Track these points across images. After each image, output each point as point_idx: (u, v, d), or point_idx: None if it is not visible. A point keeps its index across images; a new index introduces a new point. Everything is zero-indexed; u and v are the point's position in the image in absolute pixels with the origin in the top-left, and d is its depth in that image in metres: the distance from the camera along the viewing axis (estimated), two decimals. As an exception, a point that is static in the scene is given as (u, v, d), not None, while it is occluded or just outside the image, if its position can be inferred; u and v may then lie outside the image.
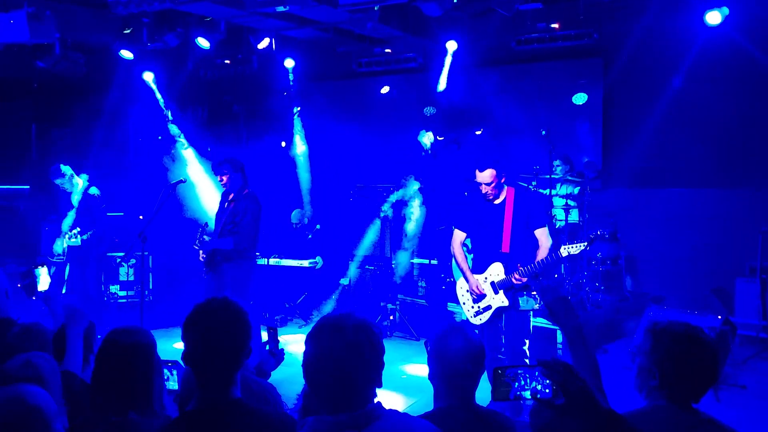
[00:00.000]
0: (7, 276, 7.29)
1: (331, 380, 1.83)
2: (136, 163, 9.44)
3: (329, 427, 1.81)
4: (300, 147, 9.76)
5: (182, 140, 9.06)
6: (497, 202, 4.87)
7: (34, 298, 3.86)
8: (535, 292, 4.75)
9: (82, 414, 2.39)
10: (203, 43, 7.68)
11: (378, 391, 1.90)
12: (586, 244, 4.64)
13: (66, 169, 7.00)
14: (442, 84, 8.68)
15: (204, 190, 8.79)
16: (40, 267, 3.74)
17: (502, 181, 4.82)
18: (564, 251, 4.65)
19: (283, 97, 9.79)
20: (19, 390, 1.96)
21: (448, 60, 8.42)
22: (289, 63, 8.97)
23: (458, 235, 5.11)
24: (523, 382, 1.65)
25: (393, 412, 1.92)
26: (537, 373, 1.64)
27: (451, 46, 8.03)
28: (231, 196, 6.05)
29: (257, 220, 5.98)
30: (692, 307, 6.86)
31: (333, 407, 1.83)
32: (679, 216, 8.12)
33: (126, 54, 7.87)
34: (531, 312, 4.95)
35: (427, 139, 8.51)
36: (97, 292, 7.33)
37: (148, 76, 8.80)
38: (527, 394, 1.65)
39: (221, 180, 5.98)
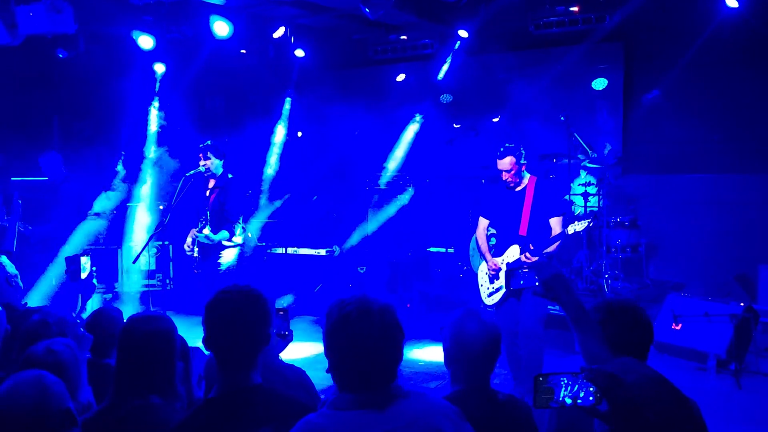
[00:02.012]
0: (34, 266, 7.41)
1: (365, 363, 1.85)
2: (156, 153, 9.51)
3: (352, 405, 1.84)
4: (279, 135, 9.74)
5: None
6: (518, 189, 5.06)
7: (72, 283, 3.94)
8: (527, 269, 4.79)
9: (106, 398, 2.44)
10: (220, 30, 7.65)
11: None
12: (589, 220, 4.87)
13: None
14: (442, 72, 8.67)
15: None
16: (84, 256, 3.83)
17: (523, 168, 5.02)
18: (570, 229, 4.84)
19: (298, 86, 9.79)
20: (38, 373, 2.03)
21: (455, 48, 8.38)
22: (299, 53, 8.81)
23: (482, 222, 5.35)
24: (565, 390, 1.63)
25: (413, 392, 1.94)
26: (580, 379, 1.62)
27: (463, 34, 7.95)
28: (213, 183, 6.14)
29: (243, 205, 6.24)
30: (714, 294, 6.78)
31: (364, 387, 1.86)
32: (701, 202, 8.01)
33: (145, 43, 7.88)
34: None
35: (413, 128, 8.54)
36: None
37: (159, 68, 8.78)
38: (568, 401, 1.63)
39: (203, 164, 6.05)
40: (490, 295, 5.18)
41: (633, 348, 2.30)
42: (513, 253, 5.04)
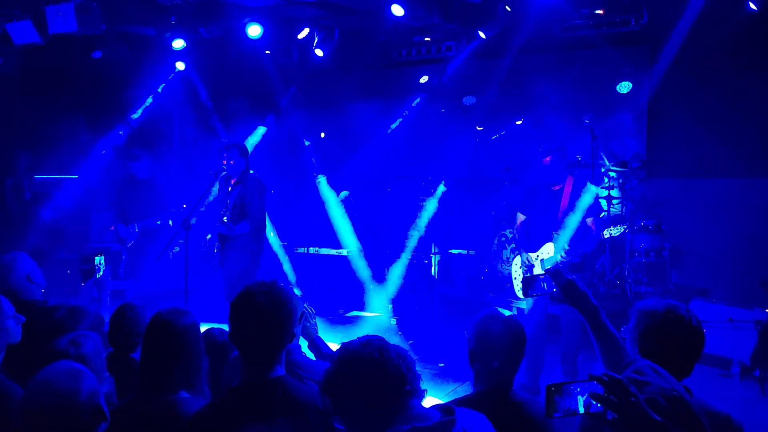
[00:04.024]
0: (59, 262, 7.59)
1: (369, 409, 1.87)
2: (181, 152, 9.63)
3: None
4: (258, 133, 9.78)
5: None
6: (557, 188, 5.29)
7: (83, 283, 4.00)
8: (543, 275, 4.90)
9: (132, 393, 2.47)
10: (252, 31, 7.72)
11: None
12: (625, 227, 4.86)
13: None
14: (450, 69, 8.66)
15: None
16: (99, 255, 3.88)
17: (564, 168, 5.27)
18: (606, 233, 5.05)
19: (321, 87, 9.82)
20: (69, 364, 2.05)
21: (466, 51, 8.37)
22: (318, 53, 8.68)
23: (520, 218, 5.59)
24: (576, 397, 1.64)
25: (460, 412, 1.92)
26: (590, 387, 1.63)
27: (481, 35, 7.91)
28: (233, 180, 6.14)
29: (264, 202, 6.14)
30: (740, 300, 6.67)
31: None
32: (726, 207, 7.88)
33: (177, 44, 7.97)
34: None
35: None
36: None
37: (180, 65, 8.82)
38: (581, 410, 1.64)
39: (226, 162, 6.07)
40: None
41: (675, 361, 2.19)
42: (548, 249, 5.25)
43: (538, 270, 5.27)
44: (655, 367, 1.94)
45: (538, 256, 5.32)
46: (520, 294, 5.43)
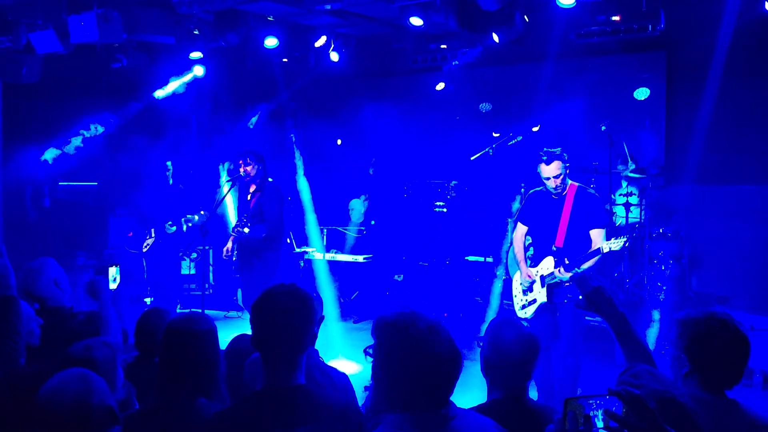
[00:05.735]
0: (78, 268, 7.71)
1: (431, 382, 1.86)
2: (199, 159, 9.72)
3: (409, 427, 1.83)
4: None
5: None
6: (558, 196, 4.80)
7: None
8: (568, 283, 4.67)
9: (151, 398, 2.50)
10: (271, 42, 7.80)
11: None
12: (626, 238, 4.49)
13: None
14: (464, 75, 8.63)
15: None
16: (112, 266, 3.92)
17: (567, 172, 4.78)
18: (605, 247, 4.51)
19: (338, 95, 9.87)
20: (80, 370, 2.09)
21: (456, 60, 8.44)
22: (333, 56, 8.65)
23: (521, 228, 5.16)
24: (595, 412, 1.63)
25: (465, 412, 1.94)
26: (609, 401, 1.63)
27: (495, 38, 7.90)
28: (253, 188, 6.19)
29: (282, 209, 6.17)
30: (761, 307, 6.59)
31: (423, 405, 1.86)
32: (747, 213, 7.79)
33: (195, 55, 8.07)
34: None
35: None
36: None
37: (198, 70, 8.88)
38: (599, 423, 1.63)
39: (244, 169, 6.11)
40: (524, 307, 4.99)
41: (724, 366, 2.20)
42: (547, 265, 4.82)
43: (537, 287, 4.87)
44: (652, 371, 1.94)
45: (537, 271, 4.88)
46: (520, 313, 4.99)
